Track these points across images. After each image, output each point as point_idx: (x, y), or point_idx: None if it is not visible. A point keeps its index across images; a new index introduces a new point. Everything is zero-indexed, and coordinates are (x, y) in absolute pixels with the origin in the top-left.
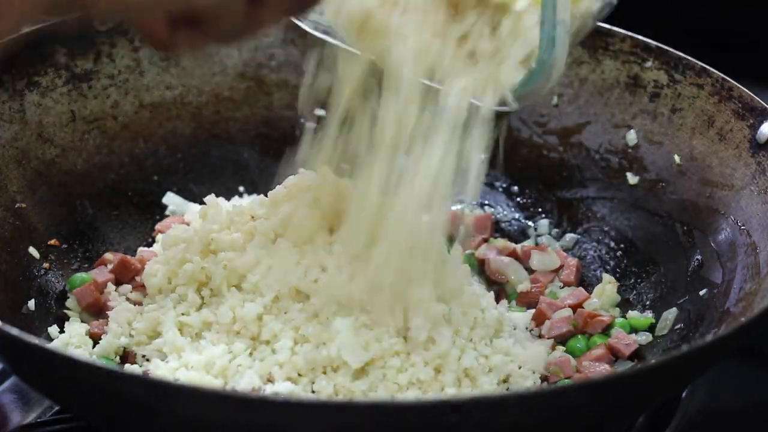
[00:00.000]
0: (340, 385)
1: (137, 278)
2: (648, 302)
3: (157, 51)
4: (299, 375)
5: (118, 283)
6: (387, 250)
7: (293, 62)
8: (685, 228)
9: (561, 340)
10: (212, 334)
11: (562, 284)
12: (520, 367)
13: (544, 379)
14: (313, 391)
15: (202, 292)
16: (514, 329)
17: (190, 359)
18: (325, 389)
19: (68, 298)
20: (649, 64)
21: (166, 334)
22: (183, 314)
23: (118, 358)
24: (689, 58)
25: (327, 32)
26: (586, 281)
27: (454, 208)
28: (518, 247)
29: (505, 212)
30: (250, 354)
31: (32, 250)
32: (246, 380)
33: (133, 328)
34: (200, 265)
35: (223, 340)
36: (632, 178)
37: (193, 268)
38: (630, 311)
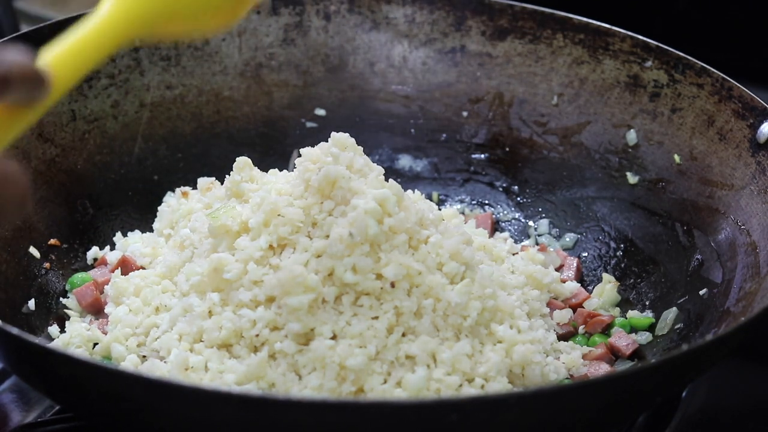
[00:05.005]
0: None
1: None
2: (648, 302)
3: None
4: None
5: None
6: None
7: (293, 62)
8: (685, 228)
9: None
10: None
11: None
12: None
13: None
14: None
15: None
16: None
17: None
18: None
19: (68, 297)
20: (649, 63)
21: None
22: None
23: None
24: (689, 58)
25: None
26: (586, 281)
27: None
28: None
29: (505, 212)
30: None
31: (33, 250)
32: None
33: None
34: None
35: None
36: (632, 178)
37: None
38: (630, 311)
